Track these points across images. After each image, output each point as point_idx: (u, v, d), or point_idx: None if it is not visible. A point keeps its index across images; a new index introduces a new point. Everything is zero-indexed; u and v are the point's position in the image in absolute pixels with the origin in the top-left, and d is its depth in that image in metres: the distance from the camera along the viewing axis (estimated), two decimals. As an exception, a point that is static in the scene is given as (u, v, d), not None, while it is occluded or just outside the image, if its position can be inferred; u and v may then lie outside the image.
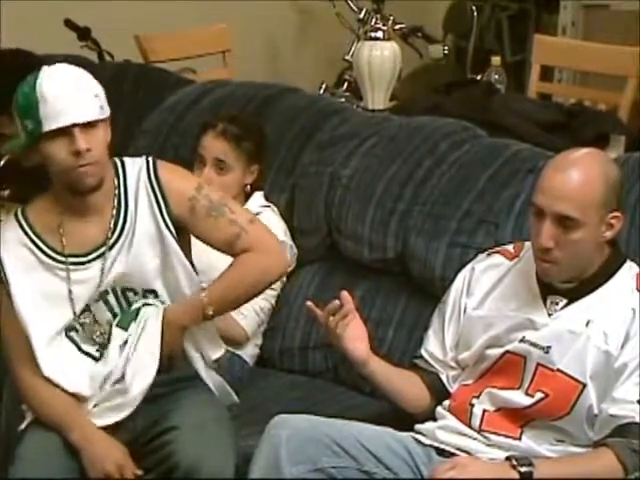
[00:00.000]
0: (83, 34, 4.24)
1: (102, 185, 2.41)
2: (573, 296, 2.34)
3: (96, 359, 2.46)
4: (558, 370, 2.29)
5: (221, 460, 2.32)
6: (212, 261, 2.57)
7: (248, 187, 3.06)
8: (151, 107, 3.48)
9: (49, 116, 2.32)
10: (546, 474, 2.22)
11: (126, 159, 2.50)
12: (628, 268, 2.37)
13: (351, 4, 4.74)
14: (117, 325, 2.46)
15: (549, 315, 2.34)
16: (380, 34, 4.25)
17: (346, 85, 4.75)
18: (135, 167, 2.49)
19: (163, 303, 2.48)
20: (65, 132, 2.33)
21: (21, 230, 2.45)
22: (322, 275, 3.05)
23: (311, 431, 2.31)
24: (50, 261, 2.44)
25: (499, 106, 3.79)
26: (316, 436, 2.30)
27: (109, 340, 2.46)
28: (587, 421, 2.27)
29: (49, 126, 2.33)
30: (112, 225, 2.45)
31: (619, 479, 2.21)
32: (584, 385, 2.27)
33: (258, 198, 3.07)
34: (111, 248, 2.44)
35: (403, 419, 2.50)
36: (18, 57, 3.11)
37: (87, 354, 2.46)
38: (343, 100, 4.34)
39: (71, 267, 2.43)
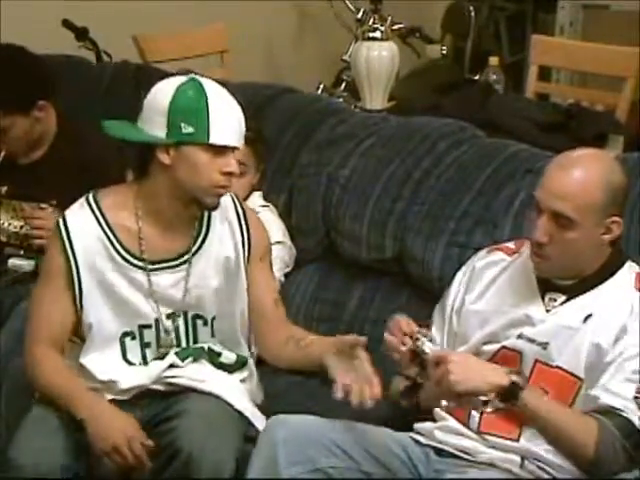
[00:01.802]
0: (81, 34, 4.24)
1: None
2: (572, 293, 2.34)
3: (135, 367, 2.47)
4: (557, 367, 2.29)
5: (223, 452, 2.31)
6: None
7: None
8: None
9: (218, 130, 2.35)
10: (531, 401, 2.23)
11: None
12: (628, 268, 2.37)
13: (349, 4, 4.75)
14: (175, 353, 2.48)
15: (547, 311, 2.35)
16: (378, 34, 4.26)
17: (344, 85, 4.76)
18: None
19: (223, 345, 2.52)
20: (222, 150, 2.36)
21: (96, 222, 2.44)
22: (320, 275, 3.05)
23: (309, 431, 2.31)
24: (125, 263, 2.43)
25: (497, 106, 3.79)
26: (314, 436, 2.30)
27: (161, 356, 2.47)
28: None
29: (217, 140, 2.35)
30: (194, 240, 2.46)
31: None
32: (582, 380, 2.27)
33: (257, 198, 3.07)
34: (193, 256, 2.45)
35: (401, 419, 2.50)
36: (10, 52, 3.11)
37: (129, 362, 2.47)
38: (341, 100, 4.34)
39: (151, 273, 2.44)
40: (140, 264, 2.43)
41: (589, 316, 2.30)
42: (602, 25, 5.47)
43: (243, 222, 2.52)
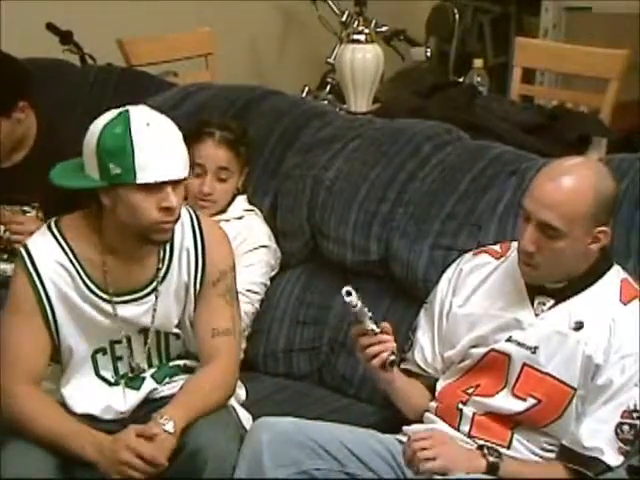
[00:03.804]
0: (65, 38, 4.24)
1: None
2: (560, 297, 2.34)
3: (110, 384, 2.45)
4: (548, 374, 2.29)
5: (228, 445, 2.31)
6: None
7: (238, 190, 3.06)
8: (133, 110, 3.47)
9: (145, 168, 2.24)
10: (511, 472, 2.24)
11: None
12: (615, 272, 2.37)
13: (333, 7, 4.76)
14: (152, 376, 2.46)
15: (536, 315, 2.35)
16: (362, 37, 4.27)
17: (329, 88, 4.77)
18: (182, 216, 2.42)
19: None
20: (157, 186, 2.26)
21: (61, 250, 2.38)
22: (306, 278, 3.05)
23: (294, 434, 2.31)
24: (91, 294, 2.38)
25: (481, 108, 3.80)
26: (299, 439, 2.30)
27: (137, 384, 2.45)
28: (575, 422, 2.28)
29: (144, 179, 2.24)
30: (157, 270, 2.41)
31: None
32: (575, 390, 2.28)
33: (242, 202, 3.06)
34: (159, 285, 2.41)
35: (387, 421, 2.50)
36: None
37: (103, 378, 2.45)
38: (326, 103, 4.35)
39: (117, 305, 2.40)
40: (105, 296, 2.39)
41: (580, 325, 2.30)
42: (585, 27, 5.49)
43: (200, 245, 2.44)
